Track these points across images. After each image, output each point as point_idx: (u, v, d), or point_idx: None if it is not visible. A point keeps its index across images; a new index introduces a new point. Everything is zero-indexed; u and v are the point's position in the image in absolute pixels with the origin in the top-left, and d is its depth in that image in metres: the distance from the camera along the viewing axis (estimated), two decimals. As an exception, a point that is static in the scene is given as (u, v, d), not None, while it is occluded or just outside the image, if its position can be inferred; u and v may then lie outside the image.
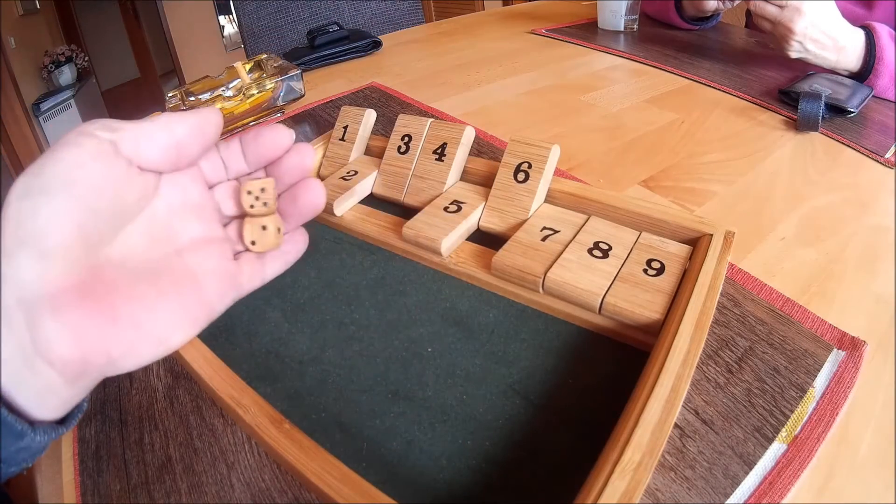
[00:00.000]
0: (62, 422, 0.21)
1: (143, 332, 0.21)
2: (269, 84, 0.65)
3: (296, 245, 0.28)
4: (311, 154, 0.27)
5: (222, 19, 3.39)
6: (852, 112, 0.56)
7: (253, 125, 0.66)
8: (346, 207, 0.44)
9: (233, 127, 0.65)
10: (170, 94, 0.69)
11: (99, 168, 0.20)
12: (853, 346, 0.31)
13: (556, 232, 0.36)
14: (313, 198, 0.27)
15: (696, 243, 0.34)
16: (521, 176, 0.39)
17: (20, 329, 0.19)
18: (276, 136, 0.26)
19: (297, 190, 0.27)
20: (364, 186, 0.45)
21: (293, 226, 0.28)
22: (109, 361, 0.20)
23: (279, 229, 0.26)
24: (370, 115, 0.49)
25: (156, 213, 0.23)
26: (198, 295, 0.23)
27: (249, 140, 0.26)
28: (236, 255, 0.26)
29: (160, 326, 0.22)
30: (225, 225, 0.27)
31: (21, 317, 0.19)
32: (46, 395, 0.20)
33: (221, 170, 0.26)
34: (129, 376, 0.35)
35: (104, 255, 0.21)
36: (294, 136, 0.27)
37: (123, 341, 0.20)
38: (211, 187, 0.26)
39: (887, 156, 0.50)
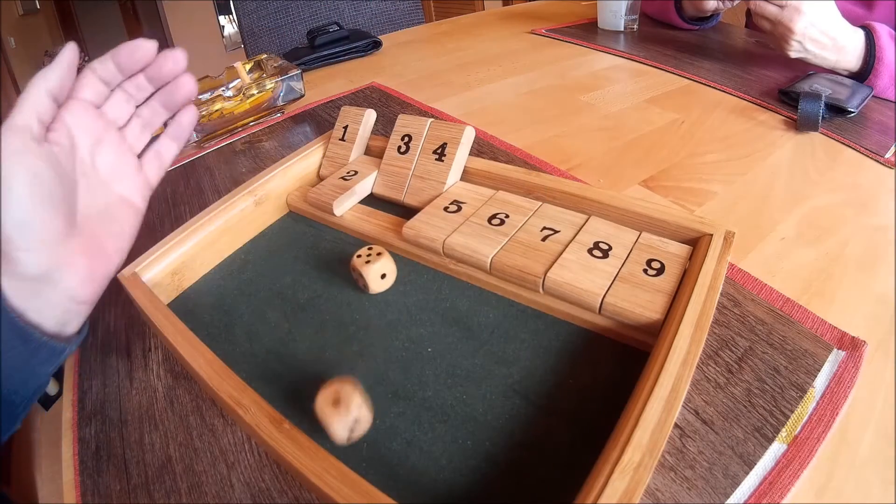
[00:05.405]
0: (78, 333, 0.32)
1: (121, 244, 0.34)
2: (269, 84, 0.65)
3: (181, 126, 0.37)
4: (182, 57, 0.34)
5: (222, 19, 3.39)
6: (852, 112, 0.56)
7: (253, 125, 0.66)
8: (346, 207, 0.44)
9: (233, 127, 0.65)
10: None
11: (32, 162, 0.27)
12: (853, 346, 0.31)
13: (556, 232, 0.36)
14: (186, 91, 0.36)
15: (696, 243, 0.34)
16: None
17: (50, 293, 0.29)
18: (134, 49, 0.32)
19: (173, 87, 0.35)
20: (364, 186, 0.45)
21: (172, 112, 0.37)
22: (111, 273, 0.33)
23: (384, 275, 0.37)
24: (370, 115, 0.49)
25: (84, 166, 0.32)
26: (131, 208, 0.35)
27: (117, 55, 0.33)
28: (139, 155, 0.36)
29: (123, 232, 0.34)
30: (120, 128, 0.35)
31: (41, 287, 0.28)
32: (71, 318, 0.31)
33: (105, 90, 0.33)
34: (129, 376, 0.35)
35: (77, 220, 0.31)
36: (156, 45, 0.33)
37: (115, 258, 0.33)
38: (99, 107, 0.34)
39: (887, 156, 0.50)
